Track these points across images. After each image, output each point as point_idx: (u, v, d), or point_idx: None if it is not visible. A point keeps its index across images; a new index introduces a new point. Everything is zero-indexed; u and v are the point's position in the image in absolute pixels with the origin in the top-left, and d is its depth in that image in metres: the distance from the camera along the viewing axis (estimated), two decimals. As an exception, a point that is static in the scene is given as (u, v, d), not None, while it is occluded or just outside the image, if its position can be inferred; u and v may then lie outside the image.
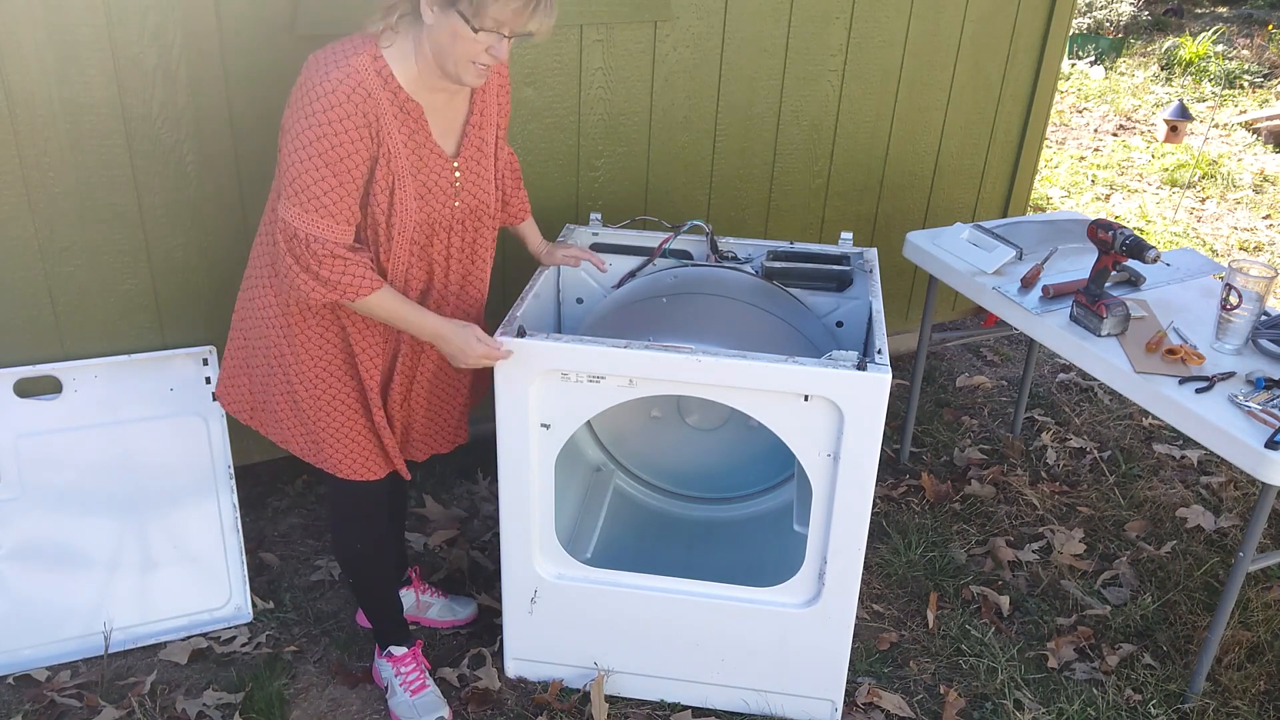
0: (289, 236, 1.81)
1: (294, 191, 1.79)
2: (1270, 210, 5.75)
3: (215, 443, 2.50)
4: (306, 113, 1.76)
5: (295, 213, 1.80)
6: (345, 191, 1.81)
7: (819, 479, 2.08)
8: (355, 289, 1.85)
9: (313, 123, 1.76)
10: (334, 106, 1.76)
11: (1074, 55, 8.65)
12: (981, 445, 3.38)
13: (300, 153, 1.77)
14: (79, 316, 2.48)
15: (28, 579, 2.38)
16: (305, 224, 1.80)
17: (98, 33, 2.26)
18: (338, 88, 1.76)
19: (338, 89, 1.76)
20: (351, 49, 1.81)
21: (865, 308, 2.46)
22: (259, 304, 2.00)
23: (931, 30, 3.31)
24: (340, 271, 1.83)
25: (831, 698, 2.30)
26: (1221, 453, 2.12)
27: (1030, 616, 2.68)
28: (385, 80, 1.83)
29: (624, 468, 2.78)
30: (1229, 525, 3.04)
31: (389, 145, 1.85)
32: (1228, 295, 2.33)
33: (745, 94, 3.12)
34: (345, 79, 1.77)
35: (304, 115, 1.77)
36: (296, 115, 1.78)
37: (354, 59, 1.79)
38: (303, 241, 1.80)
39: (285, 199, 1.80)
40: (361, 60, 1.80)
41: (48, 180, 2.33)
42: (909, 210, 3.61)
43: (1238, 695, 2.43)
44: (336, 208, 1.81)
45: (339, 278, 1.83)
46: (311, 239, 1.80)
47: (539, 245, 2.44)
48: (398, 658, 2.31)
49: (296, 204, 1.79)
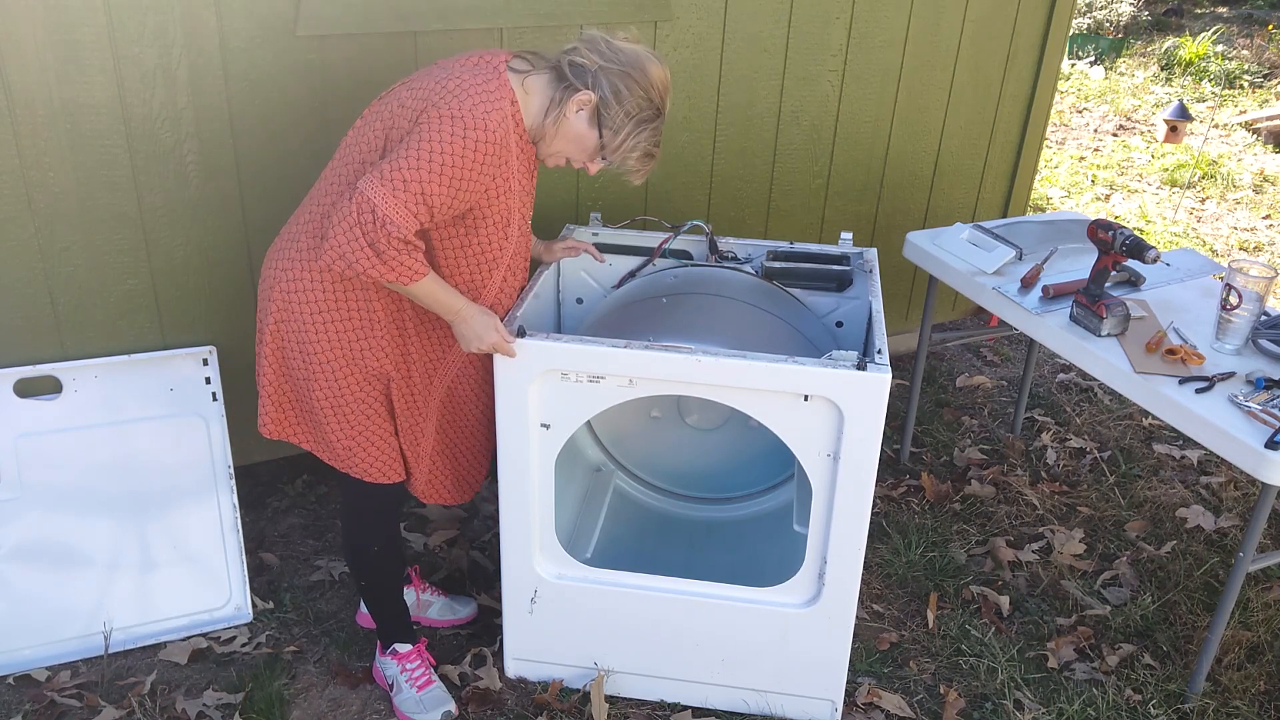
0: (364, 209, 1.81)
1: (396, 178, 1.81)
2: (1270, 210, 5.75)
3: (215, 443, 2.50)
4: (454, 133, 1.83)
5: (384, 192, 1.81)
6: (443, 201, 1.86)
7: (819, 479, 2.08)
8: (410, 274, 1.89)
9: (455, 144, 1.83)
10: (482, 143, 1.85)
11: (1074, 55, 8.65)
12: (981, 445, 3.38)
13: (424, 157, 1.82)
14: (79, 316, 2.48)
15: (28, 579, 2.39)
16: (389, 206, 1.81)
17: (98, 33, 2.26)
18: (496, 129, 1.87)
19: (495, 130, 1.87)
20: (499, 90, 1.91)
21: (865, 308, 2.46)
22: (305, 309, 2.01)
23: (931, 30, 3.31)
24: (402, 254, 1.86)
25: (831, 698, 2.30)
26: (1221, 453, 2.12)
27: (1030, 616, 2.68)
28: (516, 124, 1.96)
29: (624, 468, 2.78)
30: (1229, 525, 3.04)
31: (510, 184, 1.97)
32: (1228, 295, 2.33)
33: (745, 94, 3.12)
34: (500, 123, 1.88)
35: (449, 133, 1.83)
36: (440, 130, 1.83)
37: (502, 103, 1.90)
38: (379, 220, 1.81)
39: (380, 178, 1.81)
40: (506, 105, 1.91)
41: (48, 180, 2.33)
42: (909, 210, 3.61)
43: (1238, 695, 2.43)
44: (424, 205, 1.84)
45: (400, 260, 1.86)
46: (387, 220, 1.81)
47: (535, 245, 2.47)
48: (403, 655, 2.31)
49: (391, 187, 1.81)
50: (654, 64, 1.97)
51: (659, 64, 1.98)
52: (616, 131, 1.96)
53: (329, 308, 1.99)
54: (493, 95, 1.89)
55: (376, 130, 1.94)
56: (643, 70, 1.95)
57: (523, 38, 2.71)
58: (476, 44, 2.65)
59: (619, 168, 2.05)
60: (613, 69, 1.94)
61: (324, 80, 2.52)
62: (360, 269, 1.85)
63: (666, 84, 1.99)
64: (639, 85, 1.95)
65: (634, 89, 1.94)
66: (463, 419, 2.25)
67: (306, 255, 1.99)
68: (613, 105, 1.95)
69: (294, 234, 2.02)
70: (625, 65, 1.94)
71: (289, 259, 2.00)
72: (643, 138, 1.99)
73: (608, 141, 1.98)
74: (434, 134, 1.83)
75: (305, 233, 2.00)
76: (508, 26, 2.68)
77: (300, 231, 2.01)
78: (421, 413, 2.15)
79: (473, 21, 2.62)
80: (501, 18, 2.65)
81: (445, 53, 2.63)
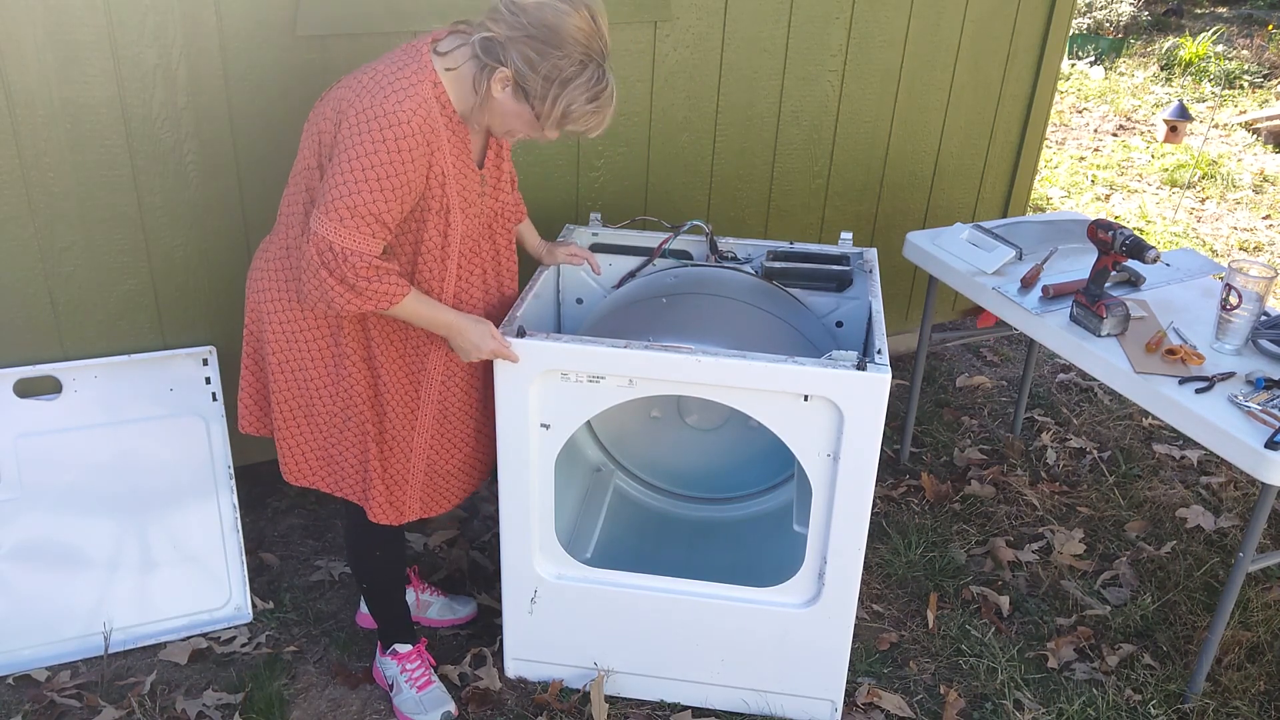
0: (323, 250, 1.80)
1: (340, 208, 1.79)
2: (1270, 210, 5.75)
3: (215, 443, 2.50)
4: (372, 137, 1.78)
5: (333, 227, 1.79)
6: (393, 212, 1.83)
7: (819, 479, 2.08)
8: (390, 297, 1.87)
9: (377, 148, 1.78)
10: (402, 137, 1.79)
11: (1074, 55, 8.65)
12: (981, 445, 3.38)
13: (357, 174, 1.78)
14: (79, 316, 2.48)
15: (28, 579, 2.38)
16: (343, 239, 1.80)
17: (98, 33, 2.26)
18: (410, 118, 1.79)
19: (410, 119, 1.79)
20: (415, 75, 1.82)
21: (865, 308, 2.46)
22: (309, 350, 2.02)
23: (931, 30, 3.31)
24: (376, 281, 1.84)
25: (831, 698, 2.30)
26: (1221, 453, 2.12)
27: (1030, 616, 2.68)
28: (443, 107, 1.87)
29: (624, 468, 2.78)
30: (1229, 525, 3.04)
31: (443, 169, 1.89)
32: (1228, 295, 2.33)
33: (745, 94, 3.12)
34: (416, 110, 1.80)
35: (368, 138, 1.78)
36: (359, 136, 1.78)
37: (420, 88, 1.81)
38: (339, 255, 1.80)
39: (325, 214, 1.80)
40: (425, 90, 1.82)
41: (48, 180, 2.33)
42: (909, 210, 3.61)
43: (1238, 695, 2.43)
44: (379, 224, 1.82)
45: (375, 287, 1.85)
46: (349, 252, 1.80)
47: (538, 245, 2.45)
48: (403, 655, 2.31)
49: (337, 219, 1.79)
50: (565, 15, 1.79)
51: (574, 11, 1.80)
52: (543, 99, 1.83)
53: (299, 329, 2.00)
54: (408, 83, 1.81)
55: (311, 136, 1.90)
56: (550, 28, 1.79)
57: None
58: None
59: (572, 129, 1.92)
60: (518, 36, 1.80)
61: (324, 80, 2.52)
62: (340, 306, 1.85)
63: (590, 27, 1.82)
64: (550, 45, 1.79)
65: (546, 51, 1.80)
66: (456, 432, 2.18)
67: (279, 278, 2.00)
68: (529, 75, 1.81)
69: (268, 253, 2.03)
70: (530, 29, 1.79)
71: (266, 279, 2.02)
72: (574, 94, 1.84)
73: (540, 111, 1.85)
74: (356, 142, 1.78)
75: (277, 250, 2.01)
76: (508, 26, 2.67)
77: (274, 247, 2.02)
78: (405, 439, 2.11)
79: (473, 21, 2.62)
80: (501, 18, 2.65)
81: (445, 53, 2.63)
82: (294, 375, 2.03)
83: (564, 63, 1.81)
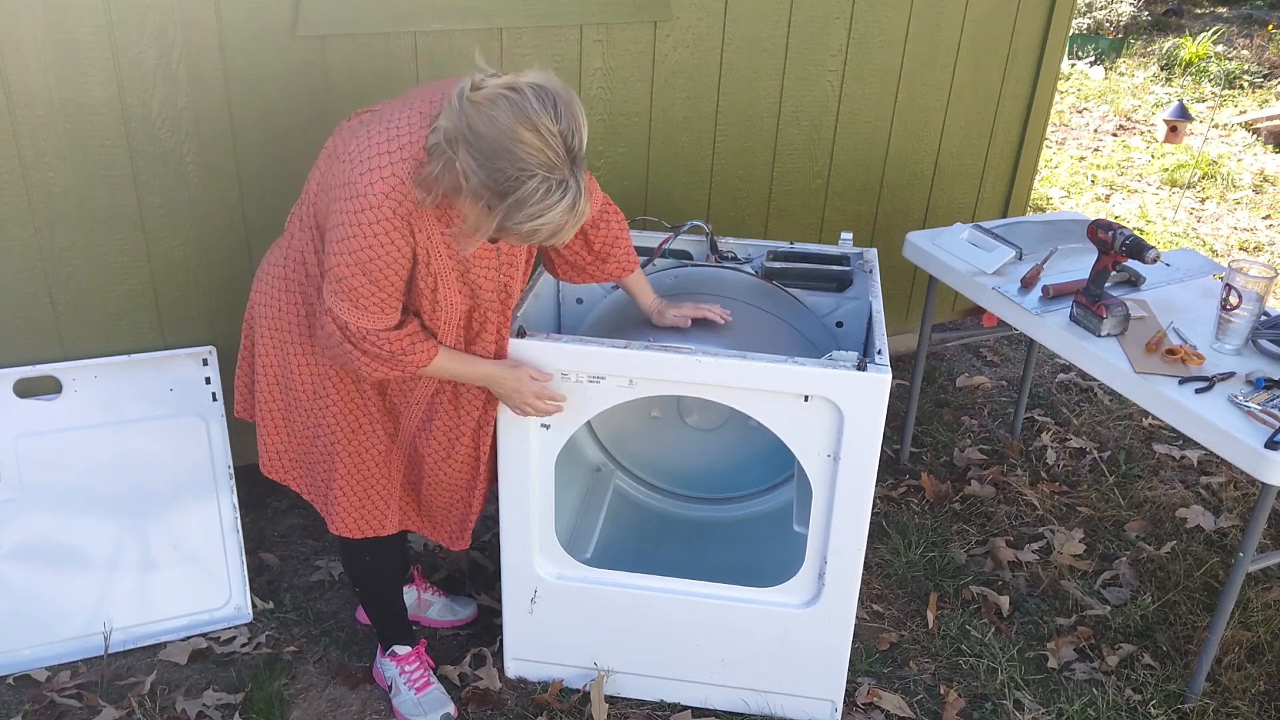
0: (341, 326, 1.80)
1: (341, 290, 1.77)
2: (1270, 210, 5.75)
3: (215, 443, 2.50)
4: (355, 219, 1.72)
5: (344, 308, 1.78)
6: (386, 296, 1.79)
7: (819, 479, 2.08)
8: (416, 362, 1.86)
9: (356, 232, 1.72)
10: (377, 221, 1.71)
11: (1074, 55, 8.65)
12: (981, 445, 3.38)
13: (344, 256, 1.74)
14: (79, 316, 2.48)
15: (28, 579, 2.38)
16: (356, 318, 1.79)
17: (98, 33, 2.26)
18: (383, 201, 1.70)
19: (384, 203, 1.70)
20: (399, 151, 1.70)
21: (865, 308, 2.46)
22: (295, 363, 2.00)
23: (931, 30, 3.31)
24: (400, 350, 1.84)
25: (831, 698, 2.30)
26: (1221, 453, 2.12)
27: (1030, 616, 2.68)
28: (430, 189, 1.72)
29: (624, 468, 2.78)
30: (1229, 525, 3.04)
31: (427, 248, 1.79)
32: (1228, 295, 2.33)
33: (745, 94, 3.12)
34: (389, 194, 1.69)
35: (349, 219, 1.72)
36: (340, 213, 1.73)
37: (400, 166, 1.70)
38: (356, 334, 1.80)
39: (332, 293, 1.78)
40: (403, 169, 1.70)
41: (48, 180, 2.33)
42: (909, 210, 3.61)
43: (1238, 695, 2.43)
44: (380, 308, 1.80)
45: (401, 355, 1.84)
46: (365, 330, 1.80)
47: (650, 304, 2.24)
48: (402, 656, 2.31)
49: (345, 301, 1.78)
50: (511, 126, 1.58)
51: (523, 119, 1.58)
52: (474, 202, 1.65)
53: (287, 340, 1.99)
54: (390, 159, 1.69)
55: (319, 165, 1.86)
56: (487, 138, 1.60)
57: (521, 38, 2.71)
58: (476, 44, 2.65)
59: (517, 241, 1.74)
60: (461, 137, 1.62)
61: (324, 80, 2.52)
62: (371, 375, 1.86)
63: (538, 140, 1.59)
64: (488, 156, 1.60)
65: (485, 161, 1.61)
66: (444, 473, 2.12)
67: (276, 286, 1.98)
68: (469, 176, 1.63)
69: (272, 257, 2.01)
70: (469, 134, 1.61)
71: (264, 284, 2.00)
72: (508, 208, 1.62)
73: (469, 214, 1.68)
74: (340, 222, 1.73)
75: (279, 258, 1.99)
76: (507, 26, 2.68)
77: (278, 253, 2.00)
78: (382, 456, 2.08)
79: (472, 22, 2.62)
80: (500, 18, 2.65)
81: (444, 53, 2.63)
82: (277, 381, 2.03)
83: (500, 176, 1.61)
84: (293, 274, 1.95)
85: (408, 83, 2.62)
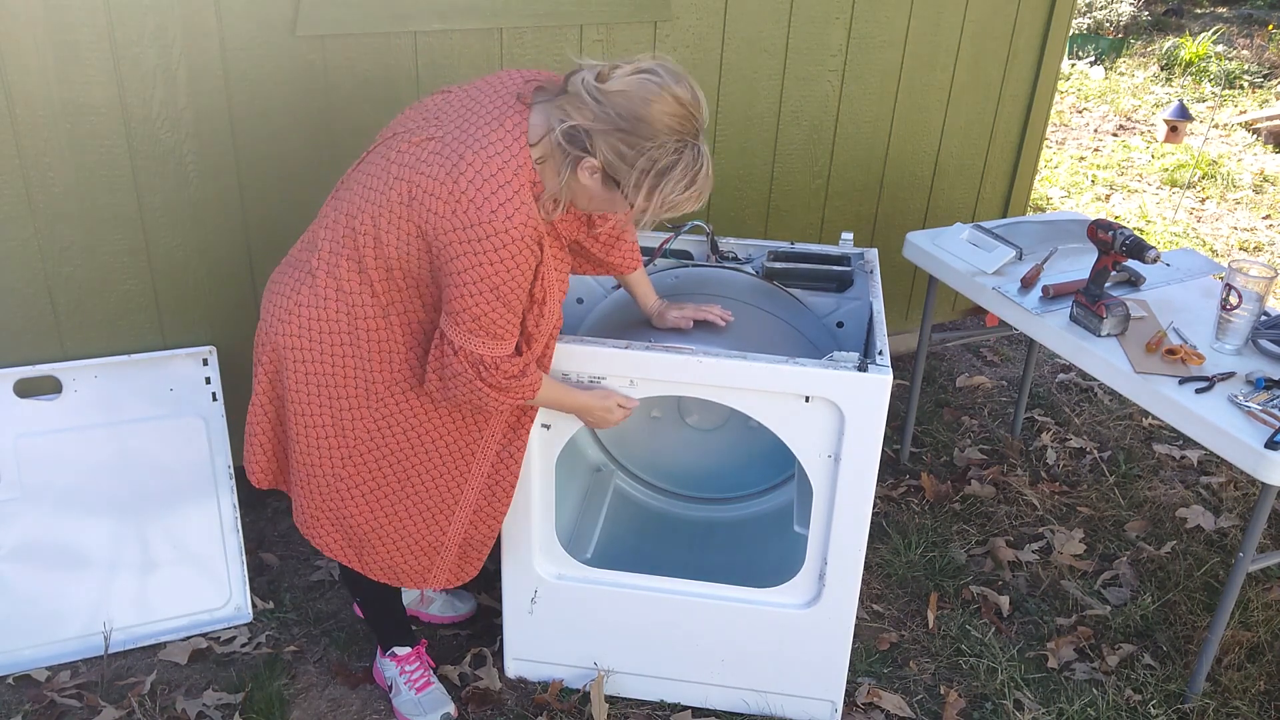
0: (474, 362, 1.78)
1: (477, 327, 1.75)
2: (1270, 210, 5.75)
3: (215, 443, 2.50)
4: (486, 256, 1.68)
5: (479, 342, 1.77)
6: (516, 316, 1.80)
7: (819, 480, 2.08)
8: (532, 389, 1.88)
9: (495, 269, 1.70)
10: (518, 253, 1.70)
11: (1074, 55, 8.65)
12: (981, 445, 3.38)
13: (483, 294, 1.71)
14: (79, 316, 2.48)
15: (28, 579, 2.38)
16: (488, 349, 1.78)
17: (98, 33, 2.26)
18: (522, 234, 1.69)
19: (522, 235, 1.69)
20: (514, 178, 1.69)
21: (866, 308, 2.46)
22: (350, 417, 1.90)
23: (931, 30, 3.31)
24: (519, 380, 1.85)
25: (831, 698, 2.30)
26: (1221, 453, 2.12)
27: (1030, 616, 2.68)
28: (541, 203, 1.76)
29: (624, 468, 2.78)
30: (1229, 525, 3.04)
31: (547, 263, 1.81)
32: (1228, 295, 2.33)
33: (745, 94, 3.12)
34: (525, 224, 1.69)
35: (484, 257, 1.68)
36: (471, 255, 1.68)
37: (523, 194, 1.69)
38: (489, 365, 1.79)
39: (465, 332, 1.75)
40: (527, 195, 1.70)
41: (48, 180, 2.33)
42: (909, 210, 3.61)
43: (1238, 695, 2.43)
44: (511, 331, 1.80)
45: (519, 385, 1.85)
46: (497, 360, 1.79)
47: (652, 305, 2.24)
48: (402, 656, 2.31)
49: (481, 335, 1.76)
50: (656, 101, 1.65)
51: (665, 94, 1.67)
52: (637, 189, 1.69)
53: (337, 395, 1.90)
54: (511, 190, 1.68)
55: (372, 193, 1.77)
56: (641, 119, 1.65)
57: (522, 38, 2.71)
58: (476, 45, 2.65)
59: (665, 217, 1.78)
60: (606, 129, 1.66)
61: (324, 80, 2.52)
62: (494, 408, 1.86)
63: (680, 108, 1.68)
64: (641, 137, 1.66)
65: (638, 144, 1.66)
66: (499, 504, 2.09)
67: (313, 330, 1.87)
68: (620, 167, 1.68)
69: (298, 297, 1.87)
70: (619, 120, 1.65)
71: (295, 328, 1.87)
72: (671, 185, 1.70)
73: (634, 201, 1.71)
74: (478, 262, 1.69)
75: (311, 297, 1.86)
76: (507, 27, 2.67)
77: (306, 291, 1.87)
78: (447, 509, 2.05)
79: (472, 22, 2.62)
80: (501, 18, 2.65)
81: (444, 53, 2.63)
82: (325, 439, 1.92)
83: (658, 153, 1.67)
84: (334, 321, 1.85)
85: (408, 83, 2.62)
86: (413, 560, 2.07)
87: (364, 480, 1.97)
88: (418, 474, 1.98)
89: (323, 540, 2.04)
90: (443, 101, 1.83)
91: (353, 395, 1.89)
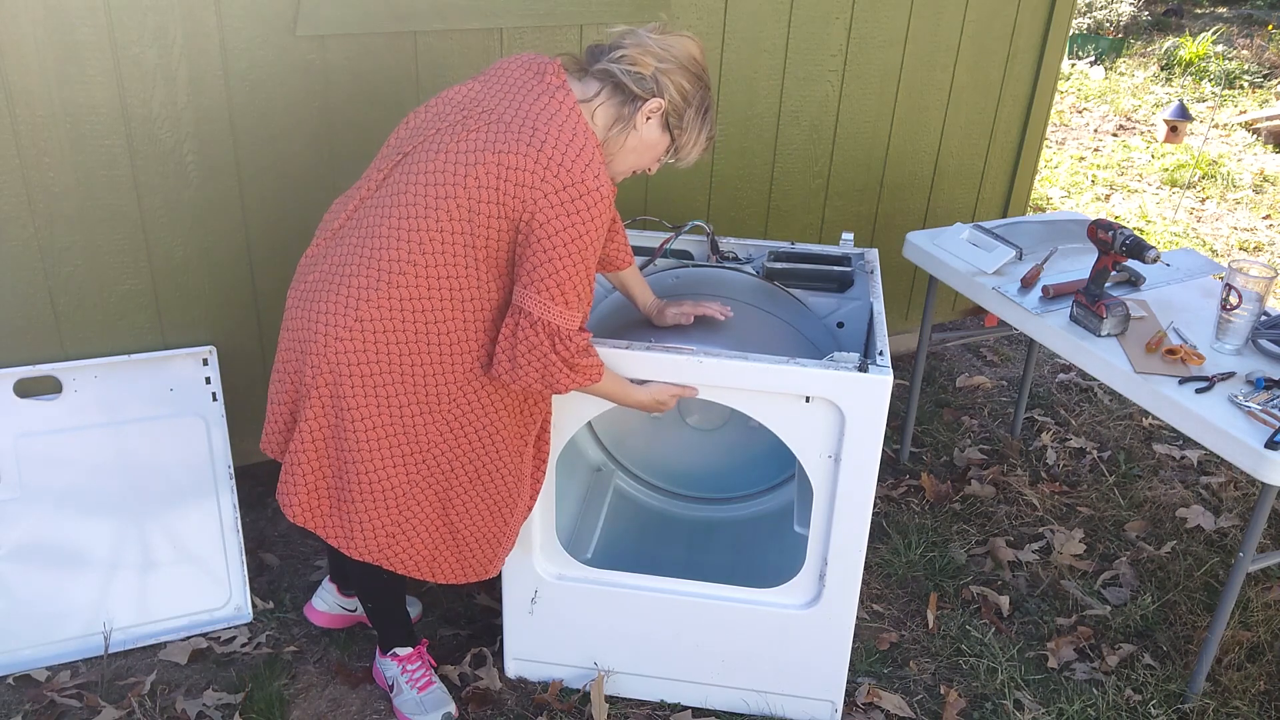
0: (553, 334, 1.78)
1: (557, 291, 1.76)
2: (1270, 210, 5.76)
3: (215, 443, 2.50)
4: (580, 215, 1.74)
5: (556, 311, 1.77)
6: (590, 285, 1.83)
7: (820, 480, 2.08)
8: (598, 371, 1.89)
9: (587, 227, 1.75)
10: (602, 214, 1.77)
11: (1074, 55, 8.65)
12: (981, 445, 3.38)
13: (571, 252, 1.75)
14: (79, 316, 2.48)
15: (28, 579, 2.38)
16: (566, 319, 1.78)
17: (98, 33, 2.26)
18: (606, 192, 1.76)
19: (606, 193, 1.76)
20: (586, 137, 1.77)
21: (866, 309, 2.46)
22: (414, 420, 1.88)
23: (931, 30, 3.31)
24: (587, 357, 1.85)
25: (831, 698, 2.30)
26: (1221, 453, 2.12)
27: (1030, 616, 2.68)
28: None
29: (624, 468, 2.78)
30: (1229, 525, 3.04)
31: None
32: (1228, 295, 2.33)
33: (745, 94, 3.12)
34: (604, 179, 1.77)
35: (576, 217, 1.74)
36: (566, 215, 1.73)
37: (597, 153, 1.78)
38: (567, 338, 1.79)
39: (542, 297, 1.76)
40: (599, 153, 1.79)
41: (48, 180, 2.33)
42: (909, 210, 3.61)
43: (1238, 695, 2.43)
44: (586, 299, 1.81)
45: (588, 364, 1.85)
46: (571, 333, 1.80)
47: (649, 304, 2.26)
48: (404, 656, 2.31)
49: (557, 302, 1.76)
50: (696, 45, 1.87)
51: (695, 42, 1.88)
52: (688, 129, 1.88)
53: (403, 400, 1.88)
54: (590, 149, 1.77)
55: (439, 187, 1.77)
56: (693, 59, 1.86)
57: (522, 38, 2.71)
58: (476, 45, 2.65)
59: (681, 160, 1.95)
60: (671, 67, 1.83)
61: (324, 80, 2.52)
62: (562, 386, 1.84)
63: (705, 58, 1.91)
64: (696, 76, 1.86)
65: (695, 82, 1.85)
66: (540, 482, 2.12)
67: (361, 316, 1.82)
68: (681, 105, 1.85)
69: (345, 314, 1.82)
70: (680, 60, 1.84)
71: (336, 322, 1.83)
72: (709, 122, 1.91)
73: (681, 141, 1.89)
74: (573, 223, 1.74)
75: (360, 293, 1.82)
76: (507, 27, 2.68)
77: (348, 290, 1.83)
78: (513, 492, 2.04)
79: (472, 22, 2.62)
80: (501, 18, 2.65)
81: (444, 53, 2.63)
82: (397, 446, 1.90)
83: (705, 93, 1.88)
84: (401, 331, 1.82)
85: (408, 82, 2.62)
86: (479, 552, 2.07)
87: (437, 482, 1.96)
88: (488, 471, 1.98)
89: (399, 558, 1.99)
90: (468, 92, 1.86)
91: (421, 401, 1.88)
